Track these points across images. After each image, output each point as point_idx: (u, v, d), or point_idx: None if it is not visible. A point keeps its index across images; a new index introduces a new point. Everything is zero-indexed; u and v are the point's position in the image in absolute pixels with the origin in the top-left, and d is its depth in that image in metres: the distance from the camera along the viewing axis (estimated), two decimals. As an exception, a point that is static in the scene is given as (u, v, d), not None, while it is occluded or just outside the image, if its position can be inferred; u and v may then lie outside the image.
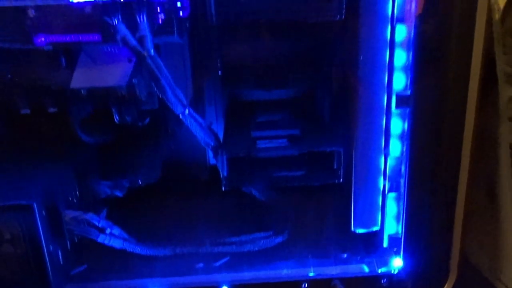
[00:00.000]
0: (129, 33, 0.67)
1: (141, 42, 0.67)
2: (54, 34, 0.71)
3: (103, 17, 0.69)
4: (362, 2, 0.68)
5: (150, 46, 0.67)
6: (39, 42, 0.71)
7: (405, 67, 0.70)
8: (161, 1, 0.71)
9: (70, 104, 0.92)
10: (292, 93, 0.98)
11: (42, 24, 0.71)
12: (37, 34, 0.71)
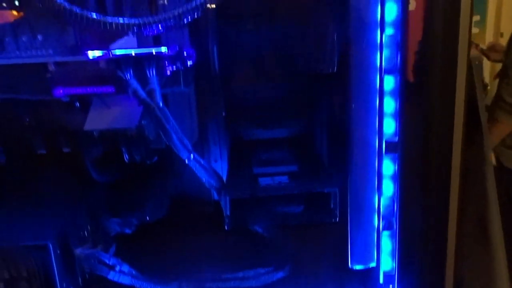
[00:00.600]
0: (139, 87, 0.73)
1: (151, 95, 0.74)
2: (71, 87, 0.78)
3: (116, 71, 0.76)
4: (352, 56, 0.74)
5: (159, 99, 0.73)
6: (58, 94, 0.78)
7: (394, 113, 0.76)
8: (169, 55, 0.78)
9: (83, 144, 0.98)
10: (291, 132, 1.04)
11: (60, 78, 0.78)
12: (56, 86, 0.77)
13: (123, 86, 0.76)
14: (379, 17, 0.72)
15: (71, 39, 0.87)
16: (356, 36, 0.73)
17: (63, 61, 0.76)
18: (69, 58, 0.76)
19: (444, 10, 0.69)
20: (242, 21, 0.81)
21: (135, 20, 0.73)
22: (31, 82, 0.79)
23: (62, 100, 0.82)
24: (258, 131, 1.05)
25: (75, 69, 0.78)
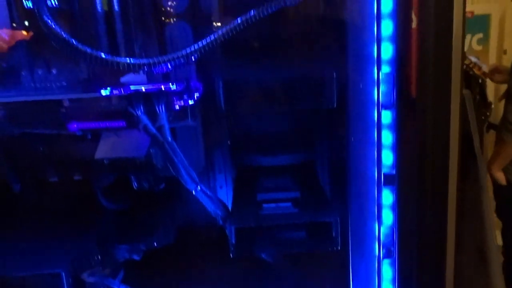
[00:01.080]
0: (149, 123, 0.78)
1: (160, 130, 0.78)
2: (85, 122, 0.82)
3: (127, 107, 0.80)
4: (351, 92, 0.78)
5: (168, 134, 0.77)
6: (73, 128, 0.82)
7: (392, 146, 0.79)
8: (177, 90, 0.82)
9: (93, 172, 1.02)
10: (294, 160, 1.07)
11: (75, 113, 0.82)
12: (71, 122, 0.82)
13: (134, 121, 0.80)
14: (375, 56, 0.76)
15: (84, 74, 0.92)
16: (355, 73, 0.77)
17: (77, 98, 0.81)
18: (83, 95, 0.80)
19: (436, 49, 0.73)
20: (247, 58, 0.86)
21: (145, 60, 0.77)
22: (46, 117, 0.84)
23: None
24: (261, 158, 1.08)
25: (88, 105, 0.82)
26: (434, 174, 0.77)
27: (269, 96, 0.82)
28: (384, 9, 0.74)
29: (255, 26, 0.78)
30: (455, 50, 0.70)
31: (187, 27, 1.02)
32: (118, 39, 0.92)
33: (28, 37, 0.95)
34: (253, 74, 0.83)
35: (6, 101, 0.84)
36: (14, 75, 1.02)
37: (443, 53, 0.72)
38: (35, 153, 1.01)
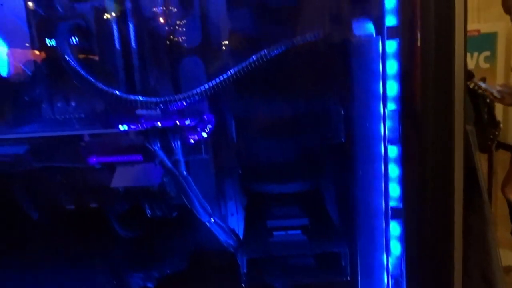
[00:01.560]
0: (166, 158, 0.81)
1: (175, 164, 0.82)
2: (104, 156, 0.86)
3: (144, 142, 0.84)
4: (359, 127, 0.81)
5: (183, 168, 0.81)
6: (92, 162, 0.86)
7: (398, 179, 0.82)
8: (191, 125, 0.86)
9: (109, 200, 1.06)
10: (303, 188, 1.10)
11: (94, 147, 0.86)
12: (90, 155, 0.86)
13: (150, 155, 0.84)
14: (381, 93, 0.80)
15: (101, 107, 0.97)
16: (362, 109, 0.80)
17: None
18: (101, 131, 0.85)
19: (436, 80, 0.76)
20: (258, 93, 0.90)
21: (160, 99, 0.81)
22: (66, 151, 0.88)
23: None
24: (271, 186, 1.11)
25: (107, 139, 0.86)
26: (440, 207, 0.79)
27: (279, 130, 0.85)
28: (389, 49, 0.78)
29: (266, 63, 0.82)
30: (457, 90, 0.73)
31: (200, 62, 1.07)
32: (135, 74, 0.97)
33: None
34: (264, 109, 0.86)
35: (27, 136, 0.88)
36: (34, 107, 1.07)
37: (444, 92, 0.76)
38: (52, 181, 1.05)
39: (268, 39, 0.93)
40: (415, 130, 0.79)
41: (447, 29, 0.72)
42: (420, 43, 0.71)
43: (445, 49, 0.72)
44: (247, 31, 0.99)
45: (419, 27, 0.71)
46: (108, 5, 0.96)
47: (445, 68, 0.74)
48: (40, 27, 0.98)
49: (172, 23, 1.02)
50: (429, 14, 0.71)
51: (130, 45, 0.96)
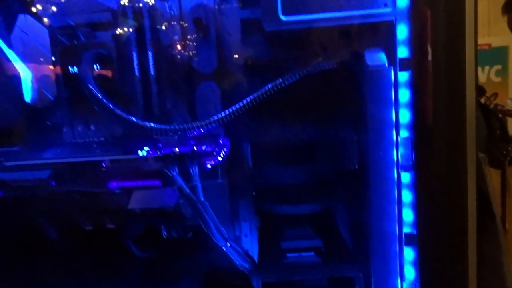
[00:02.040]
0: (184, 184, 0.84)
1: (193, 190, 0.84)
2: (123, 181, 0.89)
3: (162, 168, 0.87)
4: (372, 153, 0.83)
5: (201, 194, 0.83)
6: (112, 186, 0.89)
7: (411, 204, 0.83)
8: (207, 151, 0.89)
9: (126, 221, 1.09)
10: (316, 209, 1.11)
11: (114, 172, 0.89)
12: (110, 181, 0.89)
13: (169, 180, 0.87)
14: (394, 120, 0.81)
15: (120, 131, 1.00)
16: (375, 136, 0.82)
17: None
18: (120, 157, 0.88)
19: (448, 109, 0.78)
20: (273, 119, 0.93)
21: (179, 126, 0.84)
22: (87, 176, 0.91)
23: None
24: (285, 207, 1.13)
25: (127, 165, 0.89)
26: (453, 233, 0.80)
27: (293, 154, 0.87)
28: (401, 79, 0.80)
29: (281, 90, 0.85)
30: (469, 119, 0.75)
31: (216, 87, 1.10)
32: (153, 99, 1.01)
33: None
34: (278, 134, 0.89)
35: (50, 162, 0.91)
36: (56, 131, 1.11)
37: (456, 121, 0.77)
38: (71, 203, 1.08)
39: (282, 66, 0.97)
40: (428, 157, 0.80)
41: (458, 61, 0.74)
42: (431, 74, 0.73)
43: (456, 81, 0.74)
44: (262, 58, 1.02)
45: (430, 59, 0.73)
46: (127, 33, 1.00)
47: (457, 98, 0.76)
48: (63, 54, 1.02)
49: (189, 50, 1.06)
50: (439, 47, 0.73)
51: (148, 72, 1.00)
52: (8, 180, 0.90)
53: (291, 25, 0.77)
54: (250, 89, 1.08)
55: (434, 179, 0.80)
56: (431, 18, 0.75)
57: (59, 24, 1.03)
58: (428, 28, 0.75)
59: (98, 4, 1.03)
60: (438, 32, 0.74)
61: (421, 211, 0.82)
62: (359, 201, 0.87)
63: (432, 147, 0.79)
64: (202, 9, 1.06)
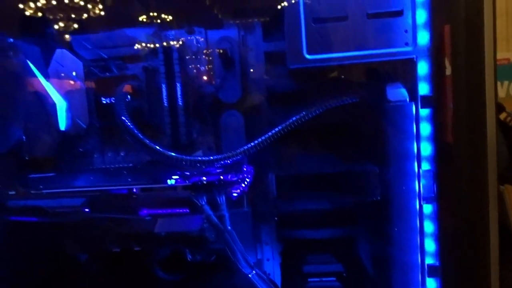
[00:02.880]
0: (212, 213, 0.87)
1: (221, 219, 0.87)
2: (153, 208, 0.93)
3: (191, 196, 0.91)
4: (394, 185, 0.85)
5: (228, 223, 0.87)
6: (143, 214, 0.93)
7: (433, 235, 0.85)
8: (233, 179, 0.92)
9: (152, 244, 1.12)
10: (338, 234, 1.13)
11: (144, 201, 0.94)
12: (141, 208, 0.93)
13: (197, 208, 0.90)
14: (415, 153, 0.84)
15: (148, 157, 1.05)
16: (397, 169, 0.84)
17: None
18: (153, 185, 0.92)
19: (469, 143, 0.80)
20: (298, 150, 0.96)
21: (206, 158, 0.88)
22: (119, 203, 0.95)
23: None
24: (307, 232, 1.15)
25: (157, 193, 0.93)
26: (475, 264, 0.81)
27: (316, 184, 0.90)
28: (422, 113, 0.83)
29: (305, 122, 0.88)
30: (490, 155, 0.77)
31: (239, 115, 1.14)
32: (180, 128, 1.05)
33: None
34: (302, 163, 0.92)
35: (82, 190, 0.96)
36: (88, 157, 1.16)
37: (476, 155, 0.79)
38: (101, 227, 1.12)
39: (305, 99, 1.01)
40: (449, 189, 0.82)
41: (479, 96, 0.76)
42: (452, 111, 0.76)
43: (477, 115, 0.76)
44: (284, 89, 1.06)
45: (451, 97, 0.75)
46: (157, 66, 1.05)
47: (478, 133, 0.78)
48: (95, 85, 1.08)
49: (214, 81, 1.11)
50: (460, 85, 0.75)
51: (176, 102, 1.04)
52: (45, 206, 0.94)
53: (315, 63, 0.81)
54: (273, 118, 1.12)
55: (456, 210, 0.81)
56: (451, 55, 0.78)
57: (93, 57, 1.10)
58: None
59: (129, 38, 1.09)
60: (459, 70, 0.77)
61: (443, 242, 0.83)
62: (381, 230, 0.89)
63: (454, 180, 0.81)
64: (227, 41, 1.11)
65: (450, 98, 0.78)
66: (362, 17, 0.79)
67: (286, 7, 0.83)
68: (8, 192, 0.94)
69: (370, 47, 0.80)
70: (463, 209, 0.82)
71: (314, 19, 0.80)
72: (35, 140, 1.09)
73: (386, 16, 0.79)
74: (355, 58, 0.80)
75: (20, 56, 1.07)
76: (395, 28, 0.79)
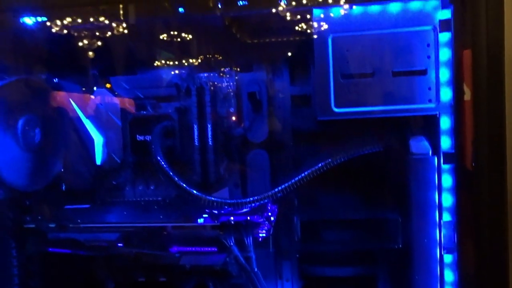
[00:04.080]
0: (239, 254, 0.92)
1: (247, 261, 0.91)
2: (183, 246, 0.98)
3: (219, 237, 0.95)
4: (416, 233, 0.88)
5: (255, 265, 0.91)
6: (173, 250, 0.98)
7: (454, 284, 0.88)
8: (259, 221, 0.97)
9: (176, 275, 1.16)
10: (358, 273, 1.16)
11: (175, 238, 0.98)
12: (172, 246, 0.98)
13: (225, 248, 0.95)
14: (437, 204, 0.87)
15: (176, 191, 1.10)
16: (418, 219, 0.88)
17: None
18: (182, 224, 0.97)
19: (491, 196, 0.82)
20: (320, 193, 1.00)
21: (233, 201, 0.93)
22: (150, 243, 1.00)
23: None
24: (327, 270, 1.18)
25: (188, 232, 0.98)
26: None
27: (339, 229, 0.94)
28: (444, 166, 0.87)
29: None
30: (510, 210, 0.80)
31: (265, 154, 1.19)
32: (209, 166, 1.11)
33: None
34: (328, 212, 0.96)
35: (117, 226, 1.01)
36: (119, 190, 1.22)
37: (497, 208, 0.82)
38: (129, 257, 1.17)
39: (331, 143, 1.05)
40: (470, 240, 0.85)
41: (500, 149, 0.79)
42: (473, 172, 0.79)
43: (497, 173, 0.79)
44: (309, 132, 1.11)
45: (473, 152, 0.79)
46: (189, 106, 1.11)
47: (498, 186, 0.81)
48: (131, 123, 1.15)
49: (243, 121, 1.17)
50: (483, 138, 0.79)
51: (206, 141, 1.10)
52: (81, 239, 1.00)
53: (343, 116, 0.86)
54: (298, 158, 1.17)
55: (477, 261, 0.84)
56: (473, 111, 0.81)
57: (129, 96, 1.17)
58: (469, 119, 0.81)
59: (164, 79, 1.16)
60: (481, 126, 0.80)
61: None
62: (402, 276, 0.92)
63: (475, 231, 0.84)
64: (256, 84, 1.17)
65: (471, 152, 0.81)
66: (388, 74, 0.84)
67: (315, 60, 0.88)
68: (48, 225, 1.00)
69: (395, 102, 0.84)
70: (484, 259, 0.84)
71: (343, 75, 0.85)
72: (73, 173, 1.16)
73: (410, 75, 0.84)
74: (381, 112, 0.85)
75: (64, 94, 1.15)
76: (419, 86, 0.84)
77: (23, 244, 1.03)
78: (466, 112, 0.82)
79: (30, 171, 1.03)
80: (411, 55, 0.84)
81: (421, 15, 0.83)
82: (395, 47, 0.84)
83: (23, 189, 1.02)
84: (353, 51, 0.85)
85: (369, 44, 0.84)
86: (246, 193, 1.20)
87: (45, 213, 1.07)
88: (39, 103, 1.06)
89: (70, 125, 1.15)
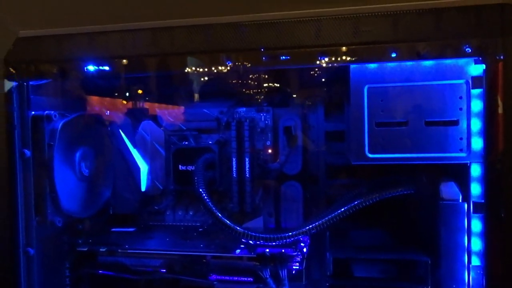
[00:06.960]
0: (275, 286, 0.98)
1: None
2: (222, 275, 1.05)
3: (256, 268, 1.01)
4: (444, 277, 0.92)
5: (289, 296, 0.97)
6: (213, 279, 1.05)
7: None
8: (293, 254, 1.03)
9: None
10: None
11: (214, 267, 1.05)
12: (211, 274, 1.05)
13: (259, 278, 1.01)
14: (466, 248, 0.91)
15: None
16: (447, 262, 0.91)
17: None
18: (221, 254, 1.04)
19: None
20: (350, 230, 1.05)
21: (269, 235, 0.99)
22: (192, 267, 1.07)
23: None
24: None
25: (225, 260, 1.05)
26: None
27: (371, 272, 0.99)
28: (474, 211, 0.90)
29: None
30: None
31: (299, 186, 1.26)
32: (246, 196, 1.17)
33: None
34: (360, 251, 1.01)
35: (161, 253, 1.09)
36: (160, 215, 1.31)
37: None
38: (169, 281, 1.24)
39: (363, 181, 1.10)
40: (499, 285, 0.88)
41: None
42: (504, 218, 0.82)
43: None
44: (342, 166, 1.17)
45: (503, 202, 0.82)
46: (228, 138, 1.19)
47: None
48: (174, 153, 1.23)
49: (279, 154, 1.23)
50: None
51: (243, 173, 1.17)
52: (128, 263, 1.09)
53: (376, 161, 0.91)
54: (330, 191, 1.23)
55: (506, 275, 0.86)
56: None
57: (173, 128, 1.25)
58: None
59: (205, 114, 1.24)
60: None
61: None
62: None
63: (504, 277, 0.87)
64: (291, 119, 1.24)
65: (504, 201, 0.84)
66: (421, 124, 0.89)
67: (350, 107, 0.93)
68: (99, 249, 1.09)
69: (427, 151, 0.89)
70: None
71: (377, 123, 0.91)
72: (120, 199, 1.26)
73: (443, 125, 0.88)
74: (413, 159, 0.90)
75: (114, 125, 1.24)
76: (451, 136, 0.88)
77: (76, 266, 1.13)
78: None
79: (84, 199, 1.13)
80: (444, 106, 0.88)
81: (454, 69, 0.87)
82: (429, 98, 0.88)
83: (77, 215, 1.11)
84: (388, 101, 0.90)
85: (403, 95, 0.89)
86: (279, 223, 1.27)
87: (94, 236, 1.16)
88: (93, 136, 1.16)
89: (119, 155, 1.24)
